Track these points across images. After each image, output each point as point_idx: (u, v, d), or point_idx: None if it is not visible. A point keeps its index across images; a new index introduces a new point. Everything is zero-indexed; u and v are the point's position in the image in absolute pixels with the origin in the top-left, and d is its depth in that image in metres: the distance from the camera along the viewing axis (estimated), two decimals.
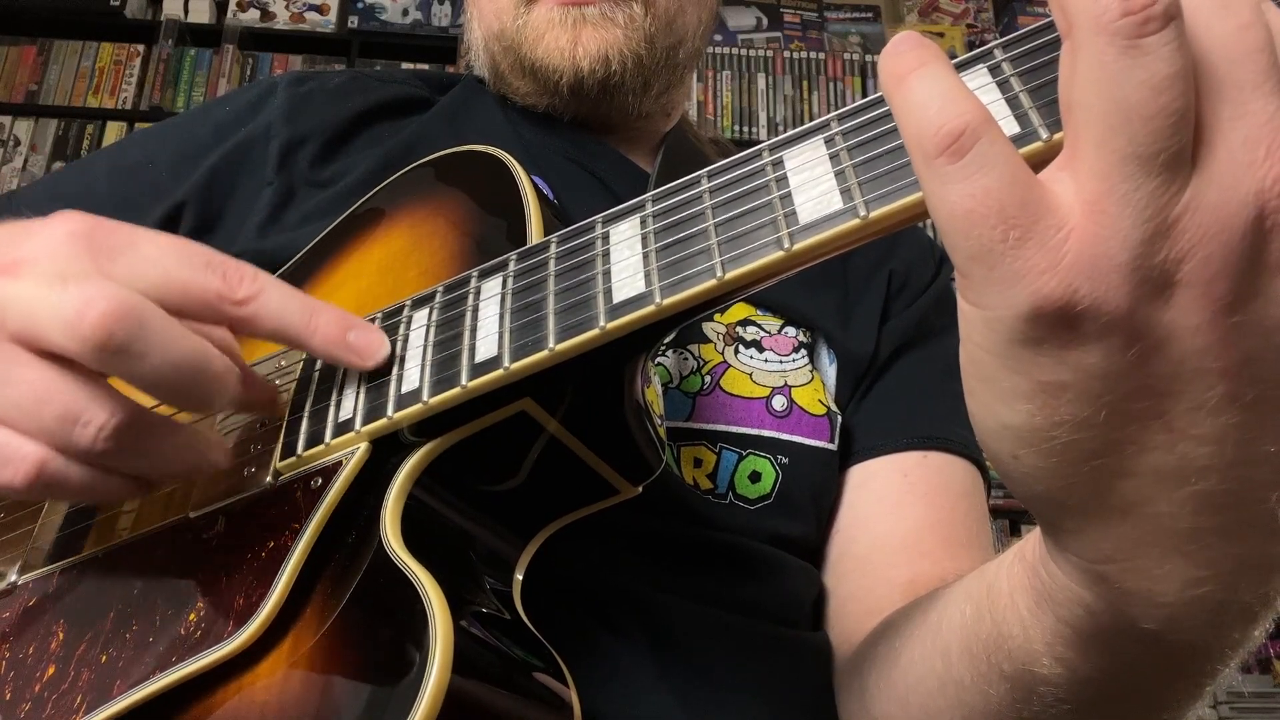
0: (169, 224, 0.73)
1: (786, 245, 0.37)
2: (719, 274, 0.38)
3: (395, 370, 0.46)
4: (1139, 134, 0.27)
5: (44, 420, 0.40)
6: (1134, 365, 0.29)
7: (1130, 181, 0.27)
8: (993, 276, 0.29)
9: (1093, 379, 0.29)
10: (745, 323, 0.73)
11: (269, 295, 0.44)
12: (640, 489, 0.53)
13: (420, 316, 0.48)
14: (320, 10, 3.06)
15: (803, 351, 0.73)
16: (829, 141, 0.38)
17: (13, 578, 0.52)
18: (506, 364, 0.42)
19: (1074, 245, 0.28)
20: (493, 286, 0.46)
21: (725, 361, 0.70)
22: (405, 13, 3.08)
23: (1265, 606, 0.34)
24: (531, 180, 0.54)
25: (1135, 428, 0.30)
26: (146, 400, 0.42)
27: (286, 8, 3.05)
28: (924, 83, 0.30)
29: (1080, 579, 0.36)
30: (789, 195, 0.38)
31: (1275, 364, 0.29)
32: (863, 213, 0.35)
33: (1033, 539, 0.40)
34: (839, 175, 0.36)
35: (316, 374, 0.50)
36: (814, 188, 0.37)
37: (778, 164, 0.39)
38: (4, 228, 0.43)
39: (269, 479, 0.47)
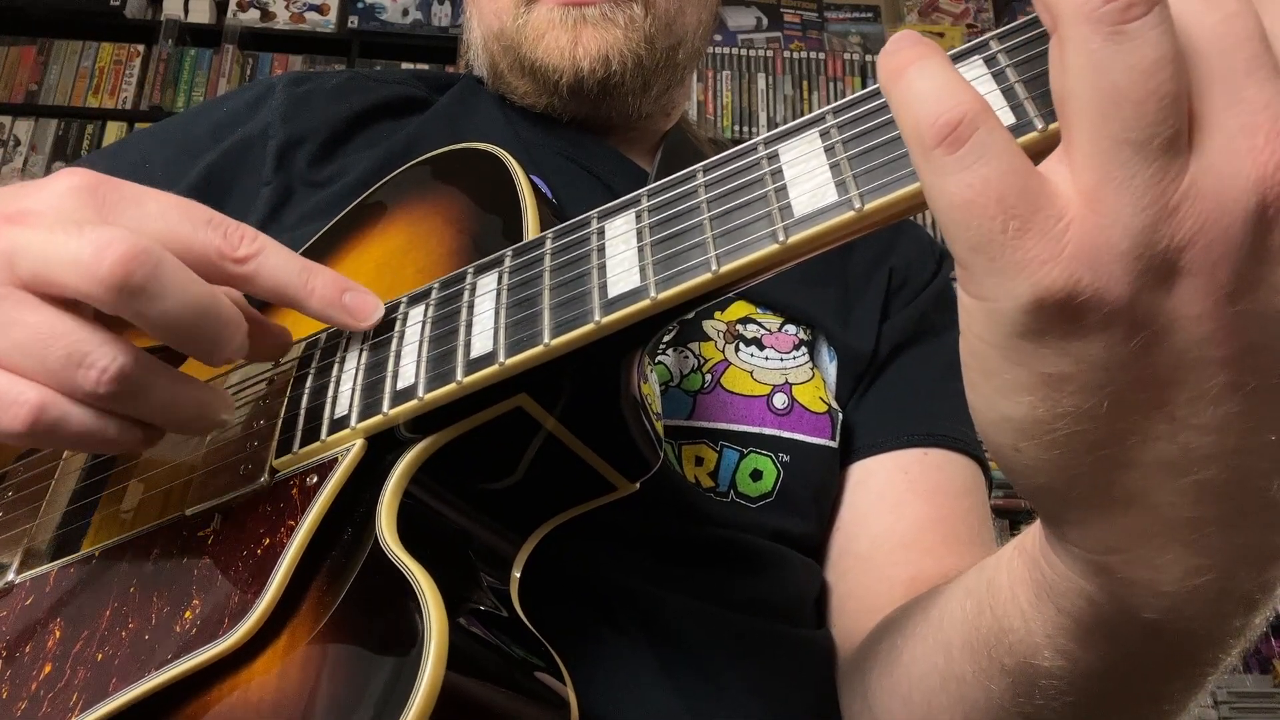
0: None
1: (781, 238, 0.37)
2: (714, 268, 0.38)
3: (391, 366, 0.46)
4: (1130, 119, 0.27)
5: (48, 362, 0.40)
6: (1136, 355, 0.29)
7: (1126, 169, 0.27)
8: (993, 268, 0.29)
9: (1095, 370, 0.29)
10: (746, 320, 0.73)
11: (268, 255, 0.45)
12: (637, 485, 0.52)
13: (416, 313, 0.48)
14: (320, 10, 3.06)
15: (803, 349, 0.73)
16: (824, 135, 0.37)
17: (10, 576, 0.52)
18: (502, 359, 0.42)
19: (1075, 235, 0.28)
20: (488, 282, 0.46)
21: (726, 360, 0.70)
22: (405, 13, 3.09)
23: (1266, 594, 0.34)
24: (529, 178, 0.54)
25: (1137, 418, 0.30)
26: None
27: (286, 8, 3.06)
28: (921, 75, 0.30)
29: (1081, 570, 0.35)
30: (784, 188, 0.37)
31: (1277, 353, 0.29)
32: (858, 205, 0.35)
33: (1032, 532, 0.40)
34: (834, 168, 0.36)
35: (312, 371, 0.50)
36: (809, 180, 0.37)
37: (773, 157, 0.39)
38: (4, 187, 0.44)
39: (265, 476, 0.46)
